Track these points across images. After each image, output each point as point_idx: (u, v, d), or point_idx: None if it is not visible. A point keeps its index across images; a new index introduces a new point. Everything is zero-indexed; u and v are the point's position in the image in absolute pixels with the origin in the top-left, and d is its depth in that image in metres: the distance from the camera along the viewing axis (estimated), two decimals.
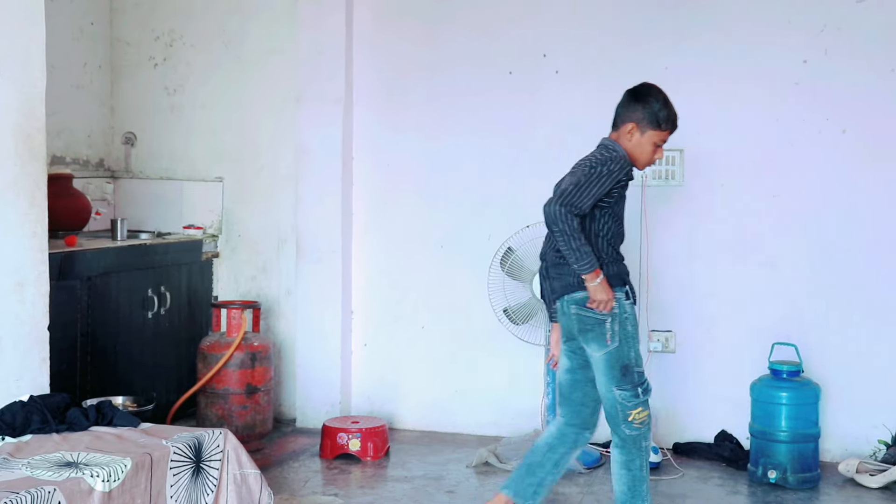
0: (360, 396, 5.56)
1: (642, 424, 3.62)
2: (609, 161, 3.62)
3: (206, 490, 3.47)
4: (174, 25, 5.81)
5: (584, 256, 3.52)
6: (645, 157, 3.72)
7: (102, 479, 3.06)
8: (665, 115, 3.69)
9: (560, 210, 3.53)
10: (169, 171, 5.87)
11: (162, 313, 5.26)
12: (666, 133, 3.70)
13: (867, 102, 4.86)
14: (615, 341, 3.61)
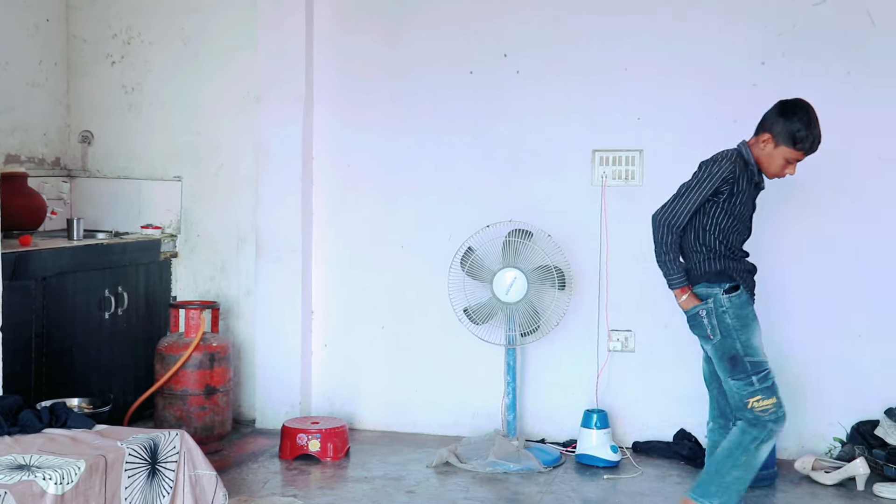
0: (320, 397, 5.54)
1: (764, 412, 3.69)
2: (713, 163, 3.78)
3: (163, 492, 3.43)
4: (132, 23, 5.75)
5: (673, 272, 3.78)
6: (773, 169, 3.81)
7: (55, 482, 3.01)
8: (803, 136, 3.72)
9: (656, 223, 3.79)
10: (127, 171, 5.81)
11: (119, 314, 5.20)
12: (800, 153, 3.75)
13: (824, 104, 4.87)
14: (717, 335, 3.76)
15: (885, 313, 4.89)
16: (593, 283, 5.15)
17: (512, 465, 4.74)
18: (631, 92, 5.11)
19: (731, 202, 3.78)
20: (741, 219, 3.84)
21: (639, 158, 5.10)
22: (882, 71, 4.83)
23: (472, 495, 4.41)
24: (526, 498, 4.39)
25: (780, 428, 3.73)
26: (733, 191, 3.76)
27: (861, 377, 4.89)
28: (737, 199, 3.79)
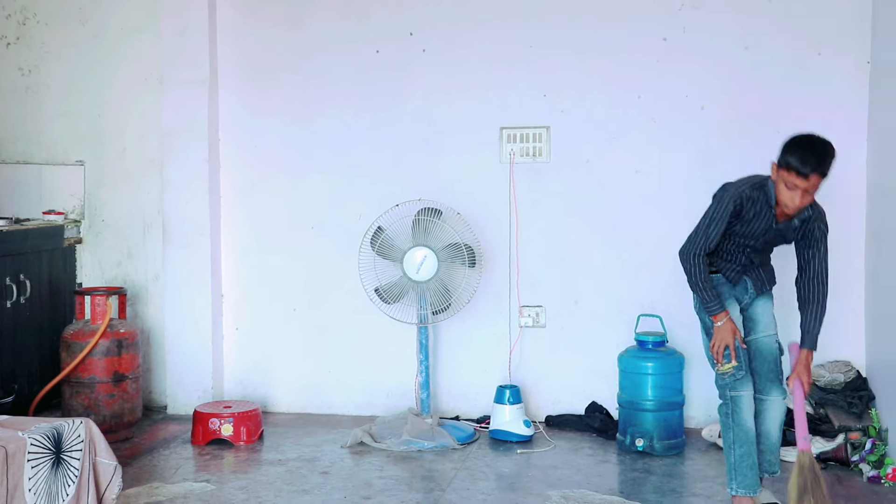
0: (232, 381, 5.49)
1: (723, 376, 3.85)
2: (718, 201, 3.85)
3: (68, 481, 3.36)
4: (26, 3, 5.60)
5: (709, 299, 3.84)
6: (780, 196, 3.74)
7: None
8: (790, 157, 3.66)
9: (683, 259, 3.87)
10: (26, 155, 5.66)
11: (22, 302, 5.07)
12: (792, 175, 3.65)
13: (724, 79, 5.01)
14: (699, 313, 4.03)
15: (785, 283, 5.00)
16: (504, 259, 5.19)
17: (426, 442, 4.76)
18: (537, 69, 5.15)
19: (744, 230, 3.86)
20: (746, 238, 3.88)
21: (546, 135, 5.15)
22: (778, 46, 4.94)
23: (387, 474, 4.42)
24: (440, 475, 4.42)
25: (739, 391, 3.83)
26: (740, 215, 3.82)
27: None
28: (743, 222, 3.83)
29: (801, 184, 3.65)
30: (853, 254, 4.93)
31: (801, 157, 3.64)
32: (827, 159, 3.68)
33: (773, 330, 3.97)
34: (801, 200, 3.68)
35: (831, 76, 4.91)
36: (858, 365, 4.92)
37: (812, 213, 3.84)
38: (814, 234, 3.87)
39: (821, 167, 3.65)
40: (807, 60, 4.92)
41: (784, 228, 3.86)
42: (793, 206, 3.71)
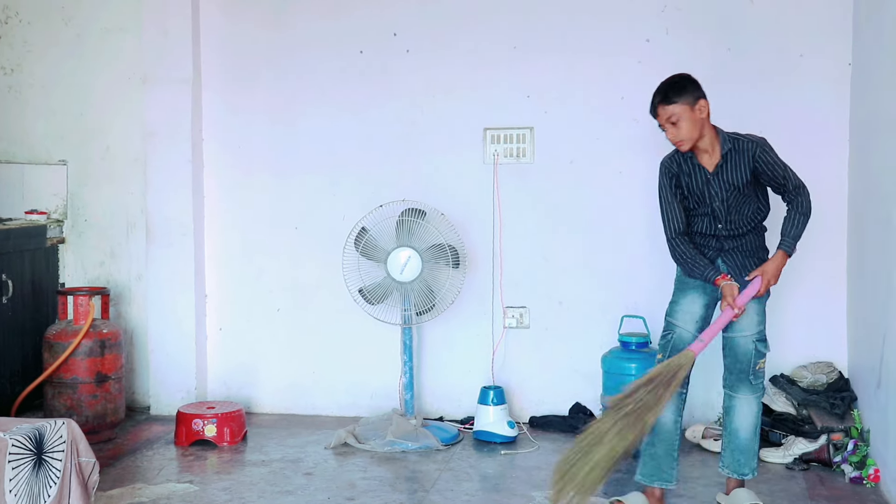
0: (216, 381, 5.48)
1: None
2: (659, 184, 3.94)
3: (49, 482, 3.35)
4: (8, 2, 5.58)
5: (701, 269, 3.86)
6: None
7: None
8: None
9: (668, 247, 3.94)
10: (8, 154, 5.63)
11: (4, 302, 5.05)
12: (656, 119, 3.84)
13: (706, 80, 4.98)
14: None
15: None
16: (487, 260, 5.20)
17: (410, 443, 4.76)
18: (520, 70, 5.16)
19: (688, 200, 3.91)
20: (701, 206, 3.89)
21: (529, 136, 5.15)
22: (760, 47, 4.97)
23: (371, 475, 4.42)
24: (424, 476, 4.42)
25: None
26: (679, 183, 3.89)
27: None
28: (687, 191, 3.89)
29: (660, 120, 3.78)
30: (835, 255, 4.96)
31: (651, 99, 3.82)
32: (667, 89, 3.78)
33: (752, 330, 3.90)
34: (670, 133, 3.78)
35: (813, 77, 4.94)
36: (841, 366, 4.94)
37: (733, 146, 3.82)
38: (761, 166, 3.82)
39: (664, 98, 3.77)
40: (789, 62, 4.95)
41: (726, 177, 3.81)
42: (674, 141, 3.79)
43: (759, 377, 3.93)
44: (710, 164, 3.85)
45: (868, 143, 4.63)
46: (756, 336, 3.91)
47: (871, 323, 4.51)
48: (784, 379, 4.88)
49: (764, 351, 3.93)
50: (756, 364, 3.91)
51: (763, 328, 3.92)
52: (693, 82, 3.83)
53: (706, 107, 3.80)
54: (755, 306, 3.91)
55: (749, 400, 3.92)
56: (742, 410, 3.94)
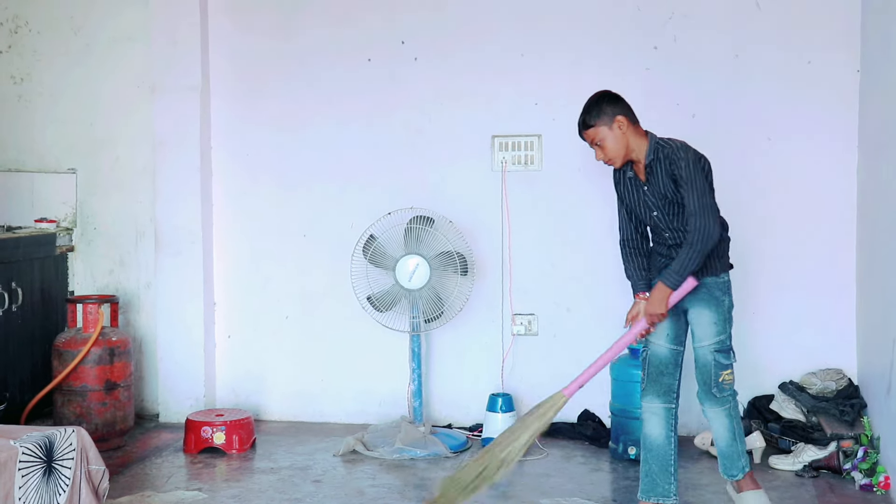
0: (224, 389, 5.49)
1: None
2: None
3: (59, 490, 3.36)
4: (18, 11, 5.60)
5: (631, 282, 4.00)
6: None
7: None
8: None
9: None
10: (18, 163, 5.66)
11: (14, 310, 5.06)
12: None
13: (714, 87, 5.03)
14: None
15: (777, 292, 5.04)
16: (496, 267, 5.20)
17: (419, 451, 4.76)
18: (528, 77, 5.16)
19: (629, 205, 3.91)
20: (643, 217, 3.87)
21: (537, 143, 5.16)
22: (768, 55, 4.97)
23: (380, 482, 4.42)
24: (433, 483, 4.40)
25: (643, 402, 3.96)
26: (622, 195, 3.92)
27: (756, 353, 5.02)
28: (629, 200, 3.89)
29: (588, 143, 3.82)
30: (844, 261, 4.95)
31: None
32: (585, 114, 3.79)
33: (708, 340, 3.78)
34: (598, 155, 3.81)
35: (821, 84, 4.94)
36: (850, 373, 4.93)
37: (655, 156, 3.75)
38: (676, 173, 3.71)
39: (583, 124, 3.80)
40: (797, 69, 4.95)
41: (654, 188, 3.76)
42: (605, 161, 3.81)
43: (724, 390, 3.81)
44: (642, 175, 3.82)
45: (877, 149, 4.62)
46: (714, 346, 3.78)
47: (881, 329, 4.50)
48: (793, 386, 4.87)
49: (725, 362, 3.79)
50: (718, 376, 3.78)
51: (724, 338, 3.78)
52: (610, 100, 3.79)
53: (624, 122, 3.74)
54: (711, 315, 3.78)
55: (717, 413, 3.83)
56: (713, 424, 3.87)
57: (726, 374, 3.79)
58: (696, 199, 3.66)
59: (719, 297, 3.79)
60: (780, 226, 5.03)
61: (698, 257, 3.65)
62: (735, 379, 3.84)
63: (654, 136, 3.81)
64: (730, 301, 3.83)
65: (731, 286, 3.84)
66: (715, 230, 3.65)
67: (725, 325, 3.80)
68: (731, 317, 3.83)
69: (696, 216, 3.65)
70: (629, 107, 3.81)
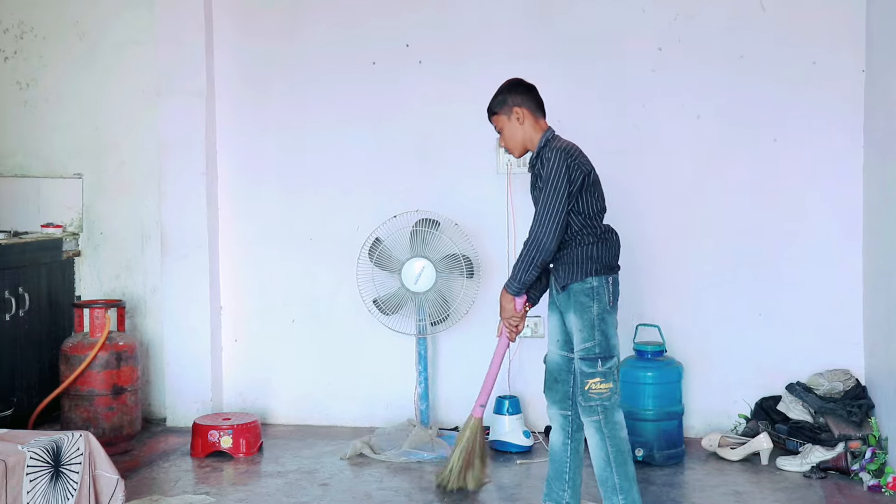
0: (231, 393, 5.49)
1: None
2: None
3: (67, 494, 3.37)
4: (24, 17, 5.61)
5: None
6: None
7: None
8: None
9: None
10: (24, 168, 5.67)
11: (21, 315, 5.07)
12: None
13: (720, 88, 5.03)
14: None
15: (783, 292, 5.03)
16: (501, 270, 5.18)
17: (426, 453, 4.76)
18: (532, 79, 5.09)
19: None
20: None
21: None
22: (773, 55, 4.96)
23: (387, 485, 4.41)
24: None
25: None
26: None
27: (763, 354, 5.02)
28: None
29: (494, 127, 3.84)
30: (851, 261, 4.94)
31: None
32: (493, 99, 3.81)
33: (577, 346, 3.64)
34: (501, 141, 3.87)
35: (827, 84, 4.93)
36: (857, 373, 4.92)
37: (538, 154, 3.76)
38: (538, 177, 3.72)
39: (488, 110, 3.83)
40: (802, 69, 4.94)
41: (534, 183, 3.78)
42: (505, 149, 3.87)
43: (590, 399, 3.61)
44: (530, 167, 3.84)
45: (883, 149, 4.61)
46: (580, 353, 3.63)
47: (888, 329, 4.49)
48: (800, 387, 4.86)
49: (588, 370, 3.60)
50: (584, 384, 3.61)
51: (590, 346, 3.61)
52: (514, 90, 3.77)
53: (522, 114, 3.73)
54: (577, 321, 3.65)
55: (586, 425, 3.65)
56: (586, 434, 3.69)
57: (593, 382, 3.59)
58: (541, 208, 3.62)
59: (585, 302, 3.63)
60: (786, 226, 5.02)
61: (531, 266, 3.64)
62: (611, 393, 3.61)
63: (550, 134, 3.75)
64: (600, 307, 3.63)
65: (603, 291, 3.64)
66: (548, 242, 3.58)
67: (593, 331, 3.61)
68: (604, 324, 3.63)
69: (533, 224, 3.64)
70: (537, 99, 3.79)
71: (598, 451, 3.64)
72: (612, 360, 3.64)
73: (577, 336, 3.66)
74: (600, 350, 3.62)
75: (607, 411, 3.61)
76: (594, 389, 3.60)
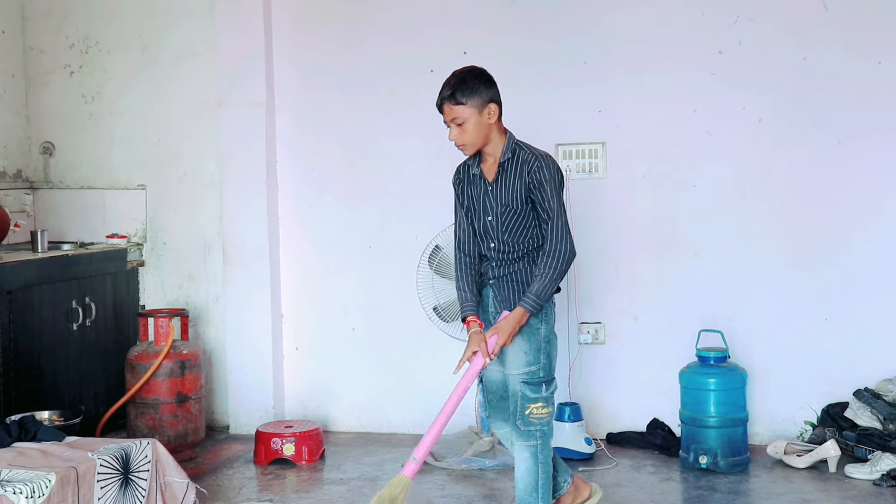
0: (293, 400, 5.53)
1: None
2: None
3: (136, 501, 3.42)
4: (89, 32, 5.72)
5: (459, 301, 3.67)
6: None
7: (26, 496, 2.99)
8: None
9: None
10: (89, 180, 5.77)
11: (87, 325, 5.16)
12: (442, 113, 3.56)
13: (782, 91, 4.96)
14: None
15: (850, 296, 4.95)
16: None
17: (487, 461, 4.75)
18: (591, 85, 5.14)
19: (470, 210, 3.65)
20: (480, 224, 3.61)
21: (601, 151, 5.13)
22: (836, 56, 4.89)
23: (449, 493, 4.42)
24: (502, 493, 4.40)
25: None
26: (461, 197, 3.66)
27: (829, 360, 4.94)
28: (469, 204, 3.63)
29: (445, 117, 3.48)
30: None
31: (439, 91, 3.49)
32: (457, 87, 3.44)
33: (517, 369, 3.52)
34: (453, 134, 3.48)
35: (892, 85, 4.84)
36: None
37: (513, 156, 3.50)
38: (534, 185, 3.47)
39: (451, 97, 3.44)
40: (867, 70, 4.86)
41: (501, 191, 3.49)
42: (457, 144, 3.50)
43: (529, 423, 3.50)
44: (491, 173, 3.55)
45: None
46: (523, 377, 3.52)
47: None
48: (868, 393, 4.77)
49: (532, 395, 3.50)
50: (525, 408, 3.50)
51: (535, 369, 3.51)
52: (487, 82, 3.51)
53: (496, 111, 3.51)
54: (523, 343, 3.52)
55: (520, 448, 3.53)
56: (516, 461, 3.58)
57: (534, 407, 3.49)
58: (559, 219, 3.47)
59: (534, 324, 3.51)
60: (852, 229, 4.94)
61: (558, 280, 3.46)
62: (549, 418, 3.55)
63: (512, 135, 3.58)
64: (547, 330, 3.55)
65: (550, 313, 3.56)
66: (574, 250, 3.45)
67: (538, 354, 3.51)
68: (549, 346, 3.55)
69: (558, 238, 3.45)
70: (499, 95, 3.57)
71: (528, 477, 3.53)
72: (553, 384, 3.56)
73: (519, 358, 3.52)
74: (544, 374, 3.52)
75: (545, 437, 3.53)
76: (535, 414, 3.50)
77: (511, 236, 3.52)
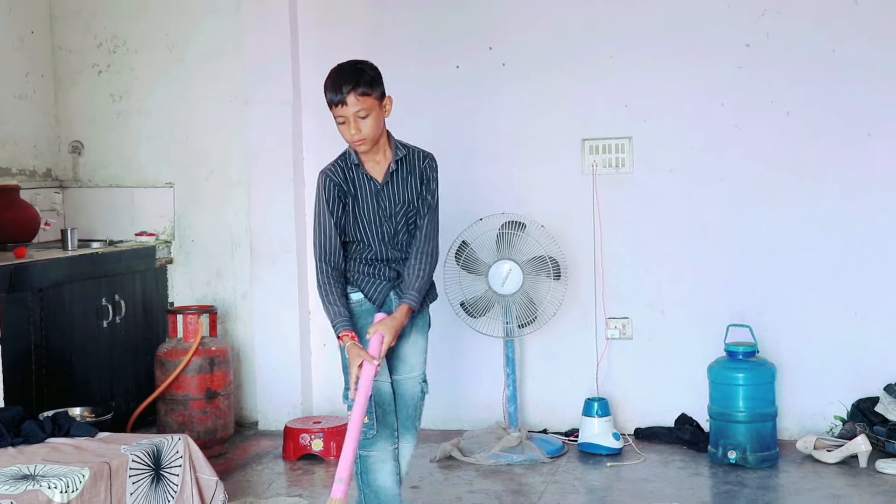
0: (321, 396, 5.55)
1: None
2: (316, 197, 3.51)
3: (168, 496, 3.44)
4: (116, 31, 5.76)
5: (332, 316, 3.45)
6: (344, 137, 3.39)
7: (60, 491, 3.02)
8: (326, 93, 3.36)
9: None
10: (118, 179, 5.82)
11: (117, 322, 5.21)
12: (335, 109, 3.32)
13: (810, 83, 4.93)
14: None
15: (880, 290, 4.91)
16: (588, 271, 5.17)
17: (515, 456, 4.75)
18: (617, 79, 5.13)
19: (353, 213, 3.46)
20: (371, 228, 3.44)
21: (628, 145, 5.12)
22: (865, 48, 4.85)
23: (477, 488, 4.42)
24: (530, 488, 4.41)
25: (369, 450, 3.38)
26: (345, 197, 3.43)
27: (859, 355, 4.91)
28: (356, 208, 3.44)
29: (345, 111, 3.25)
30: None
31: (332, 83, 3.27)
32: (360, 77, 3.25)
33: (419, 370, 3.53)
34: (354, 129, 3.27)
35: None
36: None
37: (407, 153, 3.41)
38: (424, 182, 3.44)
39: (356, 86, 3.24)
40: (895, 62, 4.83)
41: (397, 189, 3.38)
42: (356, 139, 3.28)
43: (419, 421, 3.61)
44: (380, 173, 3.39)
45: None
46: (422, 376, 3.55)
47: None
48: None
49: (424, 393, 3.57)
50: (419, 408, 3.57)
51: (425, 368, 3.58)
52: (379, 73, 3.35)
53: (390, 104, 3.38)
54: (424, 343, 3.55)
55: (408, 447, 3.58)
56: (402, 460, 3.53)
57: (422, 404, 3.60)
58: (436, 222, 3.49)
59: (423, 324, 3.57)
60: (881, 222, 4.90)
61: (432, 275, 3.47)
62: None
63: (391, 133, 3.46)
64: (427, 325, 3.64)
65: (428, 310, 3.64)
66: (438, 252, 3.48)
67: (426, 354, 3.60)
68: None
69: (433, 235, 3.47)
70: None
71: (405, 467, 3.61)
72: None
73: (418, 358, 3.54)
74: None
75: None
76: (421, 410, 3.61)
77: (408, 234, 3.46)
